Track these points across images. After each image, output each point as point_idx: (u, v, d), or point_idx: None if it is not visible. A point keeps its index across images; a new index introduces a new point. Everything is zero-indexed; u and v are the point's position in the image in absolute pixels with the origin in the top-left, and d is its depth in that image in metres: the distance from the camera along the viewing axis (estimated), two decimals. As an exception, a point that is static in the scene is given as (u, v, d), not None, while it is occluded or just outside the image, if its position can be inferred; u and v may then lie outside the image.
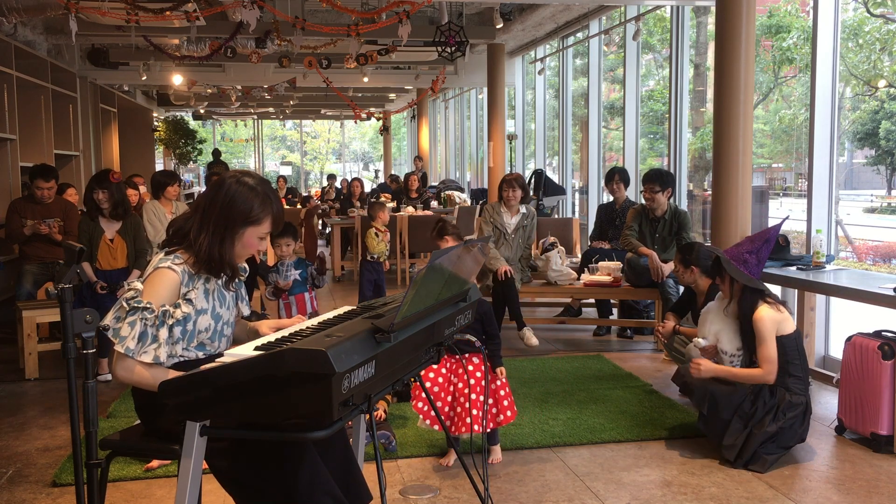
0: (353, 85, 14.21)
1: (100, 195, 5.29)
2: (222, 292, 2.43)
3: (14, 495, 3.45)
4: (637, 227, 6.01)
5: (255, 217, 2.34)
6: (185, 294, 2.31)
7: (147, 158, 15.13)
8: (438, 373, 3.73)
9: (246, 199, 2.33)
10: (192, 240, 2.33)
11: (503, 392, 3.72)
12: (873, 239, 7.93)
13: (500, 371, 3.71)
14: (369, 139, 34.32)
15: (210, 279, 2.38)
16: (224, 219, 2.32)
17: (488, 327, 3.71)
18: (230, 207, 2.32)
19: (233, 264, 2.38)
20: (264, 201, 2.35)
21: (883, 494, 3.40)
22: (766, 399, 3.73)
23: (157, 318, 2.23)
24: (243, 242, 2.36)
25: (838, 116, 5.44)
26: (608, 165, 9.16)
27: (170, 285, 2.29)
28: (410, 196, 10.84)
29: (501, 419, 3.70)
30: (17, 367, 5.56)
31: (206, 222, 2.33)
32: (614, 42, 8.88)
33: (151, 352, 2.23)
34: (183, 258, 2.34)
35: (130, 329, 2.21)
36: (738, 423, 3.71)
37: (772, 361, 3.72)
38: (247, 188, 2.34)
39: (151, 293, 2.27)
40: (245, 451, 2.19)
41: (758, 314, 3.76)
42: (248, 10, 6.53)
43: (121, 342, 2.21)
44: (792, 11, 8.47)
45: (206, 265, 2.33)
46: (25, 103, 8.40)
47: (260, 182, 2.38)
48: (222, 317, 2.41)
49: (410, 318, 2.10)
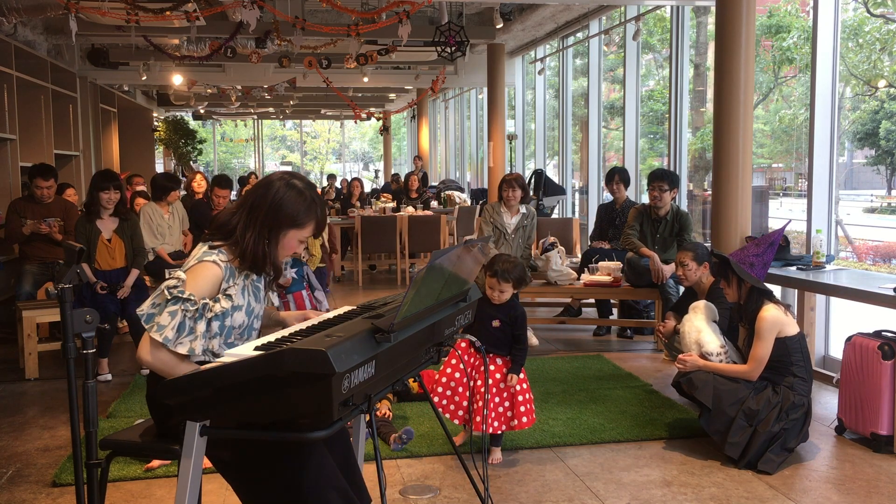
0: (353, 85, 14.22)
1: (111, 195, 5.28)
2: (257, 286, 2.43)
3: (14, 495, 3.45)
4: (638, 227, 6.01)
5: (300, 221, 2.35)
6: (226, 290, 2.31)
7: (147, 158, 15.13)
8: (456, 368, 3.73)
9: (294, 202, 2.34)
10: (239, 237, 2.33)
11: (521, 398, 3.71)
12: (873, 239, 7.93)
13: (510, 377, 3.69)
14: (369, 139, 34.34)
15: (249, 275, 2.39)
16: (271, 220, 2.33)
17: (518, 331, 3.70)
18: (278, 209, 2.33)
19: (277, 264, 2.39)
20: (310, 206, 2.36)
21: (883, 494, 3.40)
22: (770, 397, 3.73)
23: (197, 310, 2.22)
24: (284, 244, 2.37)
25: (838, 116, 5.44)
26: (608, 165, 9.16)
27: (212, 279, 2.29)
28: (410, 196, 10.85)
29: (515, 424, 3.70)
30: (17, 367, 5.56)
31: (254, 221, 2.33)
32: (614, 42, 8.88)
33: (187, 343, 2.21)
34: (227, 254, 2.34)
35: (171, 319, 2.18)
36: (742, 420, 3.70)
37: (760, 361, 3.74)
38: (295, 192, 2.35)
39: (194, 285, 2.25)
40: (250, 445, 2.18)
41: (763, 312, 3.77)
42: (248, 10, 6.53)
43: (159, 330, 2.17)
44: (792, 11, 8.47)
45: (251, 263, 2.34)
46: (25, 103, 8.40)
47: (307, 186, 2.40)
48: (254, 311, 2.42)
49: (410, 318, 2.10)
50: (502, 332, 3.69)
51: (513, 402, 3.70)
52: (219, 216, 2.43)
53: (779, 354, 3.76)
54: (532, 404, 3.78)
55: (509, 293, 3.71)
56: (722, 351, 3.94)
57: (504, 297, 3.70)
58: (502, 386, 3.70)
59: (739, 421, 3.70)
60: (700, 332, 3.99)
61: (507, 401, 3.70)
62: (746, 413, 3.71)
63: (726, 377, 3.81)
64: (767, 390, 3.75)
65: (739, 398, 3.73)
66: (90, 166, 10.83)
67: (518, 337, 3.70)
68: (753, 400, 3.73)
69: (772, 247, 3.92)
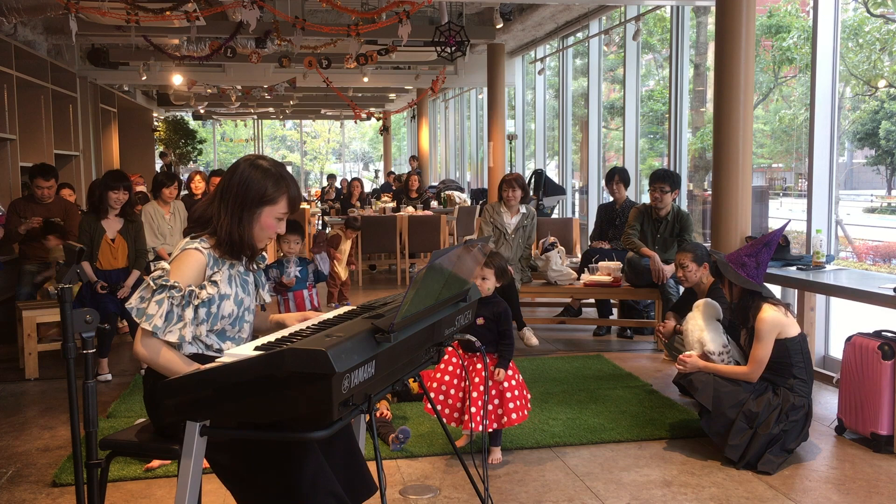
0: (353, 85, 14.22)
1: (120, 195, 5.28)
2: (244, 278, 2.47)
3: (14, 495, 3.45)
4: (639, 227, 6.01)
5: (270, 197, 2.38)
6: (211, 276, 2.34)
7: (147, 158, 15.12)
8: (445, 371, 3.75)
9: (260, 180, 2.37)
10: (216, 224, 2.37)
11: (510, 395, 3.71)
12: (873, 239, 7.93)
13: (497, 372, 3.69)
14: (369, 139, 34.34)
15: (234, 265, 2.42)
16: (241, 201, 2.36)
17: (503, 326, 3.73)
18: (246, 189, 2.36)
19: (252, 244, 2.41)
20: (278, 181, 2.39)
21: (883, 494, 3.39)
22: (771, 399, 3.73)
23: (183, 297, 2.26)
24: (261, 224, 2.40)
25: (838, 116, 5.44)
26: (608, 165, 9.15)
27: (196, 266, 2.32)
28: (410, 196, 10.85)
29: (505, 421, 3.69)
30: (17, 367, 5.56)
31: (226, 206, 2.37)
32: (614, 42, 8.89)
33: (177, 331, 2.25)
34: (208, 242, 2.38)
35: (158, 307, 2.23)
36: (742, 422, 3.70)
37: (760, 363, 3.74)
38: (261, 171, 2.38)
39: (178, 273, 2.29)
40: (247, 448, 2.18)
41: (762, 314, 3.76)
42: (248, 10, 6.53)
43: (147, 320, 2.22)
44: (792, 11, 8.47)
45: (228, 247, 2.37)
46: (25, 103, 8.40)
47: (274, 164, 2.43)
48: (244, 302, 2.44)
49: (410, 318, 2.10)
50: (487, 329, 3.70)
51: (502, 399, 3.69)
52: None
53: (779, 356, 3.76)
54: (525, 400, 3.77)
55: (492, 282, 3.77)
56: (724, 350, 3.95)
57: (487, 285, 3.74)
58: (490, 383, 3.71)
59: (740, 423, 3.70)
60: (702, 332, 3.99)
61: (497, 398, 3.70)
62: (747, 415, 3.70)
63: (727, 378, 3.81)
64: (768, 392, 3.75)
65: (740, 400, 3.73)
66: (90, 166, 10.83)
67: (503, 332, 3.73)
68: (754, 402, 3.72)
69: (767, 247, 3.89)
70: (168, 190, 6.44)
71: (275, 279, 4.94)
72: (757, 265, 3.85)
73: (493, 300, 3.76)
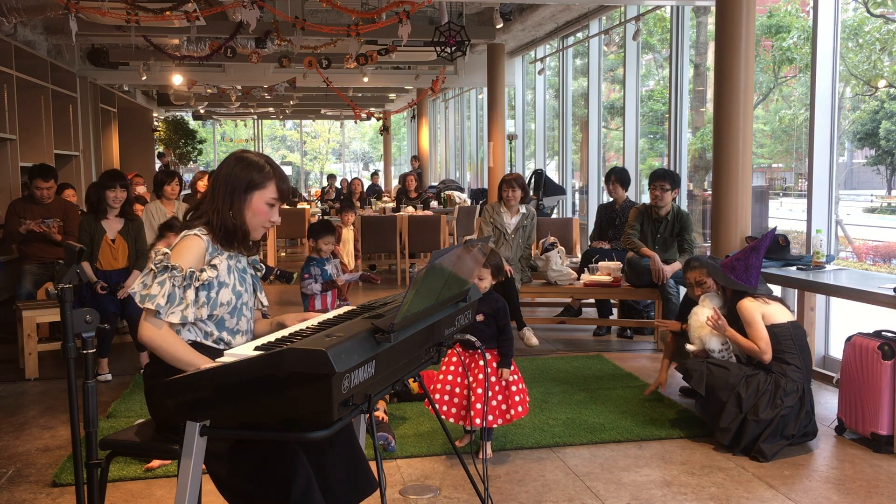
0: (353, 85, 14.21)
1: (118, 193, 5.29)
2: (243, 275, 2.52)
3: (14, 495, 3.45)
4: (639, 227, 6.01)
5: (257, 182, 2.46)
6: (210, 260, 2.41)
7: (147, 158, 15.12)
8: (448, 371, 3.76)
9: (246, 169, 2.47)
10: (209, 214, 2.45)
11: (515, 388, 3.75)
12: (873, 239, 7.93)
13: (502, 372, 3.72)
14: (369, 139, 34.33)
15: (232, 256, 2.48)
16: (230, 189, 2.45)
17: (501, 322, 3.76)
18: (235, 178, 2.46)
19: (244, 229, 2.48)
20: (263, 168, 2.48)
21: (883, 494, 3.40)
22: (760, 384, 3.84)
23: (184, 278, 2.32)
24: (252, 209, 2.47)
25: (838, 116, 5.44)
26: (608, 165, 9.15)
27: (196, 251, 2.39)
28: (410, 196, 10.85)
29: (512, 414, 3.73)
30: (17, 367, 5.56)
31: (217, 196, 2.46)
32: (614, 42, 8.89)
33: (179, 312, 2.32)
34: (205, 230, 2.45)
35: (160, 288, 2.30)
36: (733, 406, 3.83)
37: (764, 340, 3.88)
38: (246, 162, 2.49)
39: (179, 257, 2.36)
40: (242, 461, 2.19)
41: (739, 305, 3.99)
42: (248, 10, 6.53)
43: (150, 300, 2.28)
44: (792, 11, 8.47)
45: (223, 234, 2.44)
46: (25, 103, 8.40)
47: (259, 156, 2.53)
48: (242, 296, 2.49)
49: (410, 318, 2.10)
50: (487, 326, 3.73)
51: (506, 394, 3.74)
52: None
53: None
54: (526, 394, 3.82)
55: (488, 280, 3.81)
56: (724, 348, 4.15)
57: (483, 284, 3.77)
58: (493, 380, 3.73)
59: (730, 407, 3.83)
60: (703, 329, 4.16)
61: (501, 394, 3.73)
62: (738, 399, 3.83)
63: (721, 364, 3.97)
64: (758, 376, 3.87)
65: (730, 384, 3.87)
66: (90, 166, 10.83)
67: (502, 328, 3.76)
68: (743, 386, 3.85)
69: (755, 251, 4.08)
70: (169, 187, 6.44)
71: (322, 277, 5.06)
72: (746, 268, 4.03)
73: (491, 296, 3.79)
